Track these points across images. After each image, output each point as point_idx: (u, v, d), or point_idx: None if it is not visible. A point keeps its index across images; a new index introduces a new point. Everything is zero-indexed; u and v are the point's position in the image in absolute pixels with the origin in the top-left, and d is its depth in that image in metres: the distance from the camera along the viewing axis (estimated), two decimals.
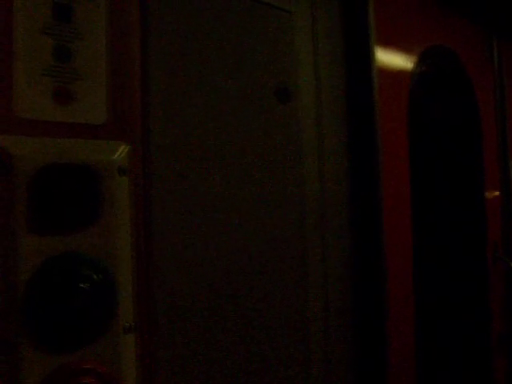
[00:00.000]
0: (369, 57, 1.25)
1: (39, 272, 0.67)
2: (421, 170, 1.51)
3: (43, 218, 0.68)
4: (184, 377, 0.87)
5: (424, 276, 1.50)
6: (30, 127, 0.69)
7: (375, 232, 1.25)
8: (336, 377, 1.19)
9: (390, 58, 1.40)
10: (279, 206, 1.06)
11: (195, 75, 0.92)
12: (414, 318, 1.43)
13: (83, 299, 0.70)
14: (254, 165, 1.01)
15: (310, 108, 1.16)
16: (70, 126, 0.72)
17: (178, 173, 0.88)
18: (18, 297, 0.66)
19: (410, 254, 1.43)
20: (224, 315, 0.94)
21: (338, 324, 1.21)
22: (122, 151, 0.76)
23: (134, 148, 0.78)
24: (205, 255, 0.92)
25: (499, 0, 1.72)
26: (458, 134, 1.78)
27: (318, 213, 1.17)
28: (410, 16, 1.50)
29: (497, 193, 1.89)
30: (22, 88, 0.68)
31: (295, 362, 1.08)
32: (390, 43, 1.40)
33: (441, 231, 1.71)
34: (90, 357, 0.71)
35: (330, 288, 1.18)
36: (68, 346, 0.69)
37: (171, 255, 0.86)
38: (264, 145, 1.04)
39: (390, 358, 1.27)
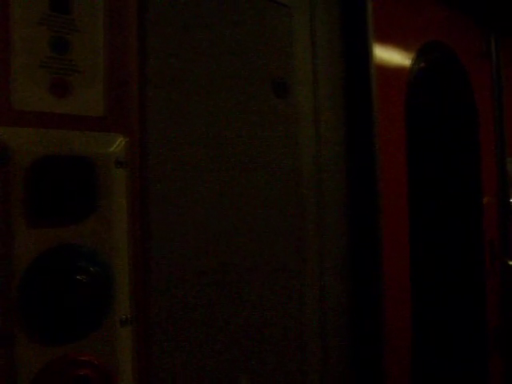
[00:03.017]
0: (367, 52, 1.25)
1: (36, 264, 0.67)
2: (418, 166, 1.51)
3: (40, 210, 0.68)
4: (180, 369, 0.87)
5: (421, 274, 1.50)
6: (27, 119, 0.68)
7: (372, 227, 1.26)
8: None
9: (388, 54, 1.40)
10: (276, 199, 1.06)
11: (192, 68, 0.92)
12: (411, 316, 1.43)
13: (80, 291, 0.70)
14: (251, 158, 1.02)
15: (308, 102, 1.16)
16: (67, 117, 0.72)
17: (175, 164, 0.88)
18: (14, 288, 0.66)
19: (407, 251, 1.44)
20: (222, 307, 0.94)
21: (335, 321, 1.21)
22: (119, 143, 0.76)
23: (131, 140, 0.78)
24: (202, 247, 0.92)
25: None
26: (455, 130, 1.78)
27: (316, 208, 1.17)
28: (407, 11, 1.50)
29: (494, 190, 1.89)
30: (19, 79, 0.68)
31: (292, 354, 1.08)
32: (388, 39, 1.40)
33: (438, 229, 1.72)
34: (86, 349, 0.71)
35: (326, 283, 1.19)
36: (64, 337, 0.69)
37: (168, 247, 0.86)
38: (261, 138, 1.04)
39: (386, 356, 1.28)
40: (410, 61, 1.47)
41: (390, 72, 1.40)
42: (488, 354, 1.81)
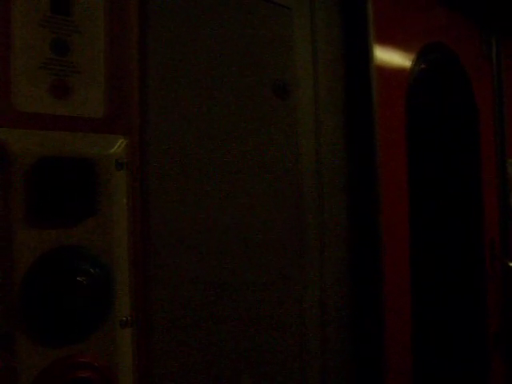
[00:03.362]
0: (367, 53, 1.25)
1: (37, 265, 0.67)
2: (418, 167, 1.51)
3: (41, 212, 0.68)
4: (181, 370, 0.87)
5: (421, 274, 1.50)
6: (27, 120, 0.68)
7: (372, 227, 1.26)
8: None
9: (389, 55, 1.40)
10: (277, 200, 1.06)
11: (193, 69, 0.92)
12: (411, 317, 1.43)
13: (80, 293, 0.70)
14: (252, 160, 1.02)
15: (308, 104, 1.16)
16: (67, 119, 0.72)
17: (175, 166, 0.88)
18: (15, 290, 0.66)
19: (407, 252, 1.44)
20: (221, 308, 0.94)
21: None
22: (119, 145, 0.76)
23: (131, 142, 0.78)
24: (203, 249, 0.92)
25: None
26: (455, 131, 1.78)
27: (316, 209, 1.17)
28: (408, 13, 1.50)
29: (494, 191, 1.89)
30: (20, 81, 0.68)
31: (291, 354, 1.08)
32: (389, 40, 1.40)
33: (438, 229, 1.72)
34: (86, 350, 0.71)
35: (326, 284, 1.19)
36: (65, 339, 0.69)
37: (169, 249, 0.86)
38: (262, 140, 1.04)
39: (387, 358, 1.28)
40: (410, 62, 1.47)
41: (391, 73, 1.40)
42: (488, 355, 1.81)
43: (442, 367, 1.65)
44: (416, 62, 1.49)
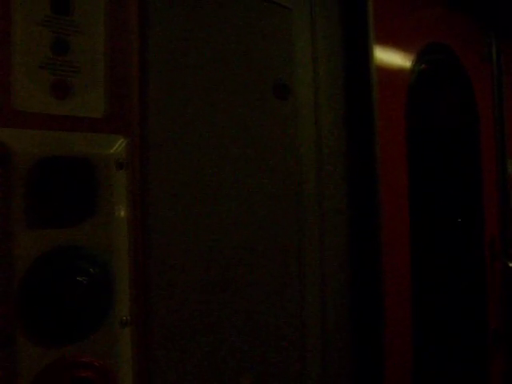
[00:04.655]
0: (367, 53, 1.25)
1: (36, 265, 0.67)
2: (419, 167, 1.51)
3: (41, 211, 0.68)
4: (180, 370, 0.87)
5: (421, 273, 1.50)
6: (27, 120, 0.69)
7: (372, 227, 1.26)
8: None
9: (389, 55, 1.40)
10: (277, 200, 1.06)
11: (193, 69, 0.92)
12: (411, 316, 1.43)
13: (80, 293, 0.70)
14: (253, 160, 1.02)
15: (309, 104, 1.16)
16: (67, 119, 0.72)
17: (175, 166, 0.88)
18: (15, 290, 0.66)
19: (408, 250, 1.44)
20: (221, 306, 0.94)
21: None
22: (119, 145, 0.76)
23: (131, 141, 0.78)
24: (201, 248, 0.92)
25: None
26: (456, 131, 1.78)
27: (317, 210, 1.17)
28: (408, 13, 1.50)
29: (495, 191, 1.89)
30: (20, 81, 0.68)
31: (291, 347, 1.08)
32: (389, 40, 1.40)
33: (439, 228, 1.72)
34: (86, 350, 0.71)
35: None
36: (65, 339, 0.69)
37: (168, 248, 0.86)
38: (262, 140, 1.04)
39: (386, 355, 1.28)
40: (410, 62, 1.47)
41: (391, 73, 1.40)
42: (488, 354, 1.81)
43: (442, 365, 1.65)
44: (416, 63, 1.49)
